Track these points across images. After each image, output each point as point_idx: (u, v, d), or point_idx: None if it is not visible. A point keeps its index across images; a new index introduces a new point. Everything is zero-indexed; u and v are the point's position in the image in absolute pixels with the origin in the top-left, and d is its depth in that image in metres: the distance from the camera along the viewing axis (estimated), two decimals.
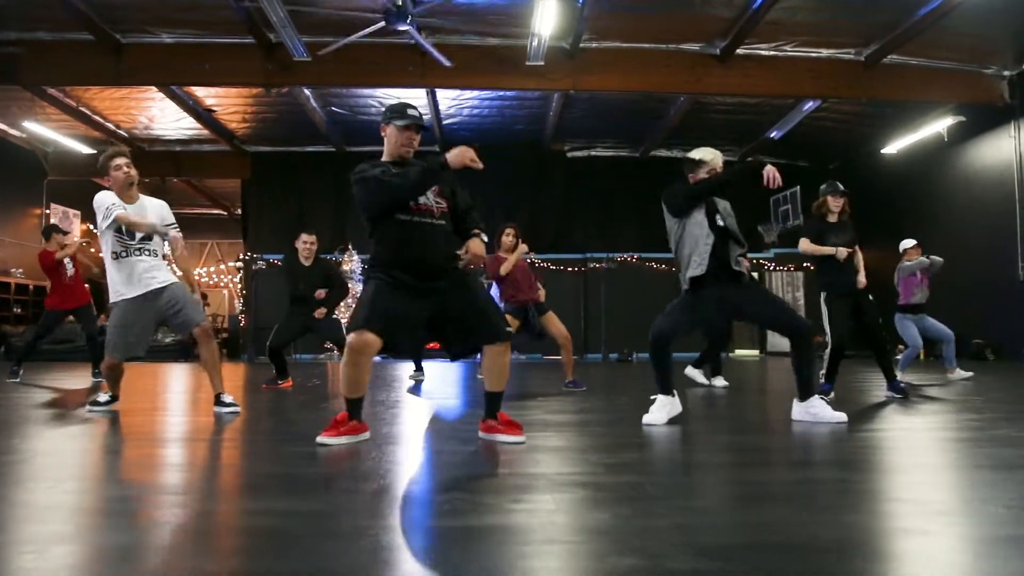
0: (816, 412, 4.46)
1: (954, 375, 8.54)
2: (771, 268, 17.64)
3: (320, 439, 3.63)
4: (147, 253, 5.15)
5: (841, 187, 6.22)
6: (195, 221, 24.52)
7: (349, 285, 16.38)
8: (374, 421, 4.45)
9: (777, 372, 10.50)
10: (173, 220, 5.42)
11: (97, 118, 15.21)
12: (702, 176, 4.62)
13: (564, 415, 5.07)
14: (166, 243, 5.37)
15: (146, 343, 5.17)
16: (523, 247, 7.34)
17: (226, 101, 14.70)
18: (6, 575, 1.72)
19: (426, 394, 6.94)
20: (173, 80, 12.70)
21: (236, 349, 17.44)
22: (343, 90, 13.89)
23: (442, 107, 14.95)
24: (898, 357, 8.25)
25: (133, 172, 5.26)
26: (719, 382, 7.64)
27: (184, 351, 14.86)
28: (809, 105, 13.89)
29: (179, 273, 5.49)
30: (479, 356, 3.97)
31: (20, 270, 16.24)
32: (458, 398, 6.75)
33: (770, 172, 4.30)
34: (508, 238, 7.35)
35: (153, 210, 5.33)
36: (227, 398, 5.21)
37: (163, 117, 15.45)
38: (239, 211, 21.38)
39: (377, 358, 10.57)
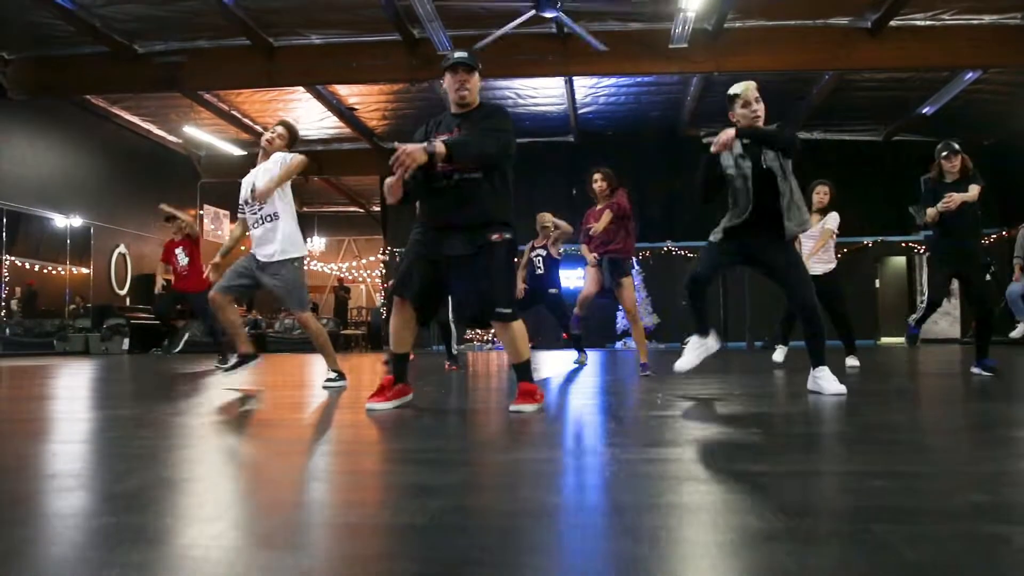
0: (820, 383, 4.34)
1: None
2: (922, 251, 16.78)
3: (369, 405, 3.73)
4: (260, 223, 5.25)
5: (955, 146, 5.78)
6: (333, 219, 25.42)
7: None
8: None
9: (931, 359, 9.94)
10: (276, 171, 5.23)
11: (247, 121, 15.94)
12: (738, 112, 4.35)
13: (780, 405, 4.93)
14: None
15: (244, 292, 5.34)
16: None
17: (368, 99, 15.13)
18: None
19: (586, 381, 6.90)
20: (321, 80, 13.18)
21: (378, 341, 17.96)
22: (482, 82, 14.02)
23: (578, 96, 14.94)
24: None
25: (265, 139, 5.38)
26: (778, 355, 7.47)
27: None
28: (969, 76, 13.14)
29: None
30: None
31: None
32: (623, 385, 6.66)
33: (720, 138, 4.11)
34: (596, 185, 6.71)
35: (264, 171, 5.33)
36: (332, 374, 5.29)
37: (307, 117, 16.04)
38: (375, 207, 22.03)
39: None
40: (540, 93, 14.84)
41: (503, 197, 3.70)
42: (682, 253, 16.86)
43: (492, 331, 16.59)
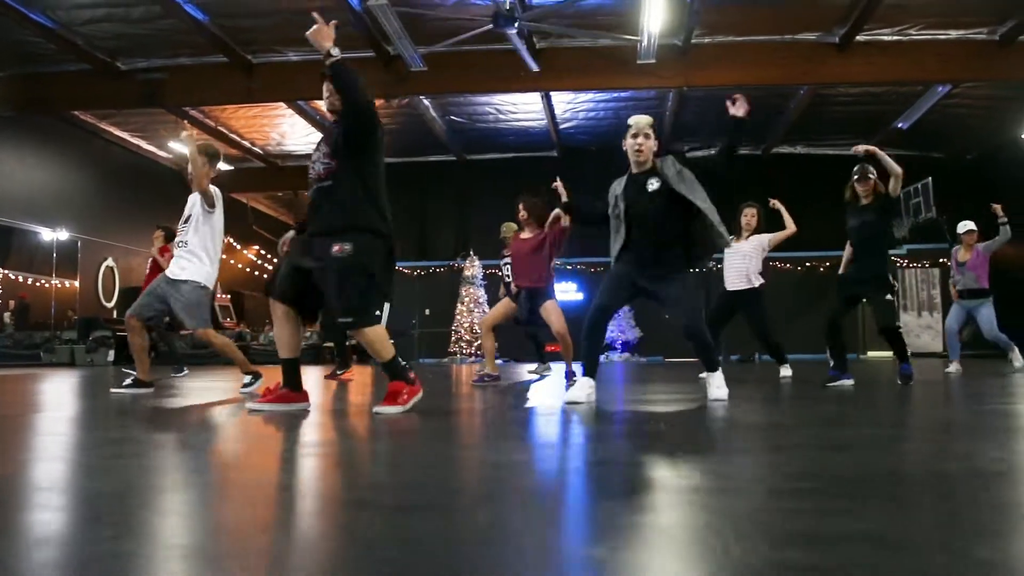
0: (709, 388, 4.55)
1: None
2: (903, 265, 16.85)
3: (251, 405, 4.00)
4: (179, 245, 5.59)
5: (869, 171, 5.93)
6: None
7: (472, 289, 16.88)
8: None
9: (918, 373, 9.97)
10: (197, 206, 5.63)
11: (234, 136, 16.21)
12: (628, 141, 4.57)
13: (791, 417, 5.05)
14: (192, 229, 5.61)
15: (153, 314, 5.59)
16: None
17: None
18: None
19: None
20: (300, 96, 13.43)
21: (365, 355, 18.10)
22: (461, 98, 14.28)
23: (557, 111, 15.13)
24: None
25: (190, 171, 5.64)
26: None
27: (316, 354, 15.55)
28: (941, 90, 13.24)
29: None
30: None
31: None
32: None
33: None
34: (520, 215, 6.94)
35: (191, 201, 5.67)
36: (247, 378, 5.54)
37: (293, 133, 16.31)
38: None
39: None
40: (520, 109, 15.04)
41: (361, 203, 3.78)
42: None
43: (477, 343, 16.66)
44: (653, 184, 4.46)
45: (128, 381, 5.58)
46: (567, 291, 16.62)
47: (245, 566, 1.26)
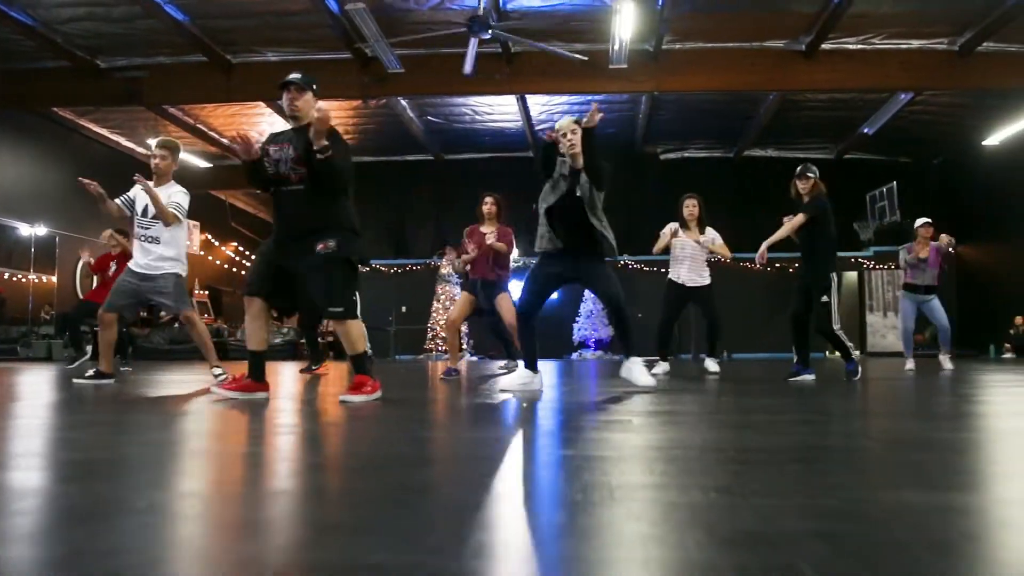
0: (629, 372, 4.84)
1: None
2: (870, 267, 17.24)
3: (215, 390, 4.28)
4: (149, 240, 5.83)
5: (809, 170, 6.20)
6: None
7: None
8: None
9: (876, 371, 10.32)
10: (176, 202, 5.96)
11: (213, 134, 16.33)
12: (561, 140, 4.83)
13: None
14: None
15: (129, 310, 5.91)
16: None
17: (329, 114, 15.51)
18: None
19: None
20: (278, 95, 13.51)
21: (341, 352, 18.29)
22: (437, 99, 14.51)
23: (533, 113, 15.38)
24: None
25: (153, 164, 6.07)
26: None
27: (293, 351, 15.73)
28: (903, 98, 13.63)
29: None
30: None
31: None
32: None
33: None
34: (486, 207, 7.08)
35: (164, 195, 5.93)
36: (216, 370, 5.72)
37: (272, 131, 16.41)
38: None
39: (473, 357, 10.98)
40: (496, 110, 15.28)
41: (334, 206, 4.04)
42: (639, 267, 17.27)
43: (471, 341, 16.80)
44: (582, 189, 4.83)
45: (90, 372, 5.77)
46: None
47: (213, 500, 1.51)
